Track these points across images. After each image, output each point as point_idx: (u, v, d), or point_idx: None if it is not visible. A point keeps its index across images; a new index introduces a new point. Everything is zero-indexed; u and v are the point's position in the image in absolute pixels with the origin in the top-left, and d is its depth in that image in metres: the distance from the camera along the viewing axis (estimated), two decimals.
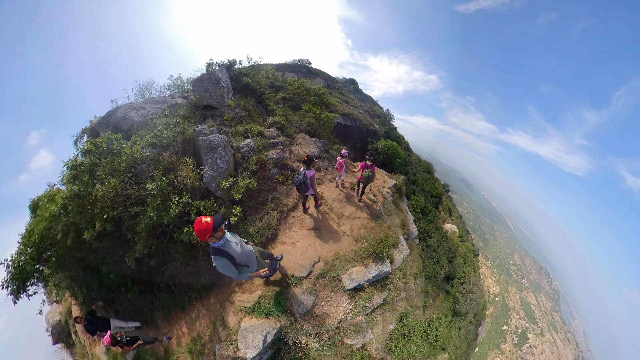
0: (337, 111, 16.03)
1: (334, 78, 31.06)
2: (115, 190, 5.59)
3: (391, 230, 6.54)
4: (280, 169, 7.97)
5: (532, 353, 35.39)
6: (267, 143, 8.92)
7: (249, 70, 15.33)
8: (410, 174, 19.32)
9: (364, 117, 19.17)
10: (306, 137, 10.09)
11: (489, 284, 41.94)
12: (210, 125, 9.14)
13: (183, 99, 12.80)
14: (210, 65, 15.34)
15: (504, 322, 38.71)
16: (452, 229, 21.86)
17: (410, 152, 23.42)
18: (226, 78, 12.68)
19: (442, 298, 16.56)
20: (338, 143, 12.90)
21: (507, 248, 69.18)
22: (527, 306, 45.38)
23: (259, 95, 14.02)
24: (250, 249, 3.80)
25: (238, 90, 13.75)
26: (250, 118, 11.16)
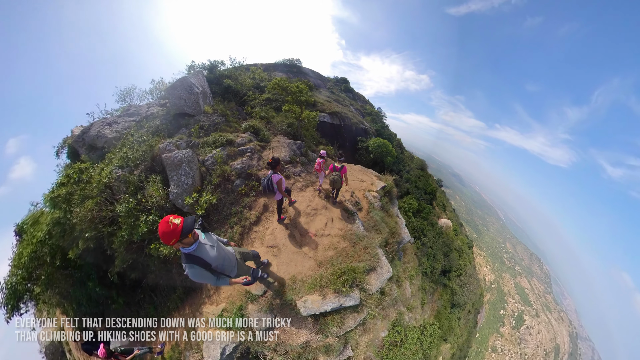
0: (324, 110, 14.81)
1: (325, 77, 29.89)
2: (91, 213, 5.72)
3: (368, 251, 5.30)
4: (244, 179, 7.13)
5: (529, 333, 36.00)
6: (234, 151, 7.89)
7: (232, 72, 14.04)
8: (403, 171, 18.18)
9: (354, 116, 17.93)
10: (282, 140, 8.89)
11: (484, 272, 42.28)
12: (178, 138, 8.24)
13: (160, 107, 11.58)
14: (192, 68, 14.07)
15: (501, 307, 38.96)
16: (446, 224, 21.08)
17: (403, 149, 22.17)
18: (202, 82, 11.43)
19: (440, 292, 15.96)
20: (324, 143, 11.78)
21: (499, 237, 69.92)
22: (521, 290, 45.80)
23: (242, 97, 12.81)
24: (230, 250, 3.26)
25: (219, 94, 12.49)
26: (227, 124, 9.95)
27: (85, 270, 6.56)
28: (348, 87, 31.95)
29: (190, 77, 10.61)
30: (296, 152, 8.54)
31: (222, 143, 8.22)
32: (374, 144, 15.17)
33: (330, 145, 12.23)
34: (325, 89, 23.91)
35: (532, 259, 67.24)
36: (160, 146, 7.14)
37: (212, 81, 13.27)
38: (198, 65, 14.04)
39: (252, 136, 9.13)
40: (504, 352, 31.86)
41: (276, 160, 4.72)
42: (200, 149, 7.92)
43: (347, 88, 31.04)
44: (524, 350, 33.66)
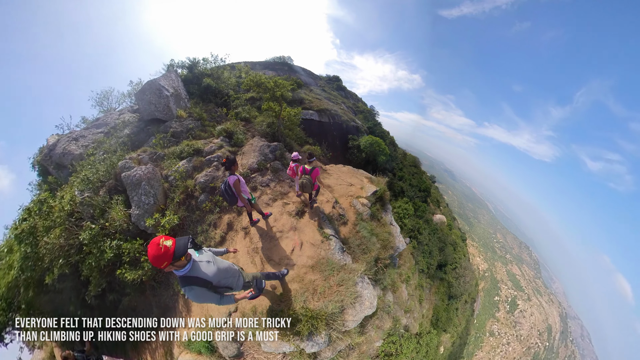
0: (311, 107, 13.48)
1: (317, 75, 28.57)
2: (59, 241, 5.43)
3: (342, 288, 4.16)
4: (209, 193, 6.18)
5: (523, 316, 36.98)
6: (201, 162, 6.70)
7: (215, 70, 12.56)
8: (396, 169, 17.00)
9: (345, 113, 16.61)
10: (255, 143, 7.55)
11: (477, 262, 42.55)
12: (142, 151, 7.21)
13: (132, 114, 10.22)
14: (171, 67, 12.64)
15: (495, 293, 39.48)
16: (441, 220, 20.29)
17: (396, 147, 20.77)
18: (175, 84, 10.04)
19: (437, 285, 15.39)
20: (311, 143, 10.44)
21: (490, 228, 70.56)
22: (513, 277, 46.32)
23: (223, 97, 11.46)
24: (230, 263, 2.85)
25: (197, 95, 11.14)
26: (202, 128, 8.60)
27: (66, 294, 6.16)
28: (340, 85, 30.56)
29: (159, 79, 9.25)
30: (268, 156, 7.12)
31: (189, 153, 7.09)
32: (366, 142, 13.92)
33: (318, 145, 10.91)
34: (317, 87, 22.65)
35: (521, 247, 68.24)
36: (119, 164, 6.37)
37: (192, 81, 11.86)
38: (177, 64, 12.62)
39: (225, 141, 7.84)
40: (501, 335, 32.72)
41: (231, 160, 4.01)
42: (166, 161, 6.97)
43: (339, 86, 29.66)
44: (519, 332, 34.51)
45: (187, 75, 12.24)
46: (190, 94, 11.18)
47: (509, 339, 32.87)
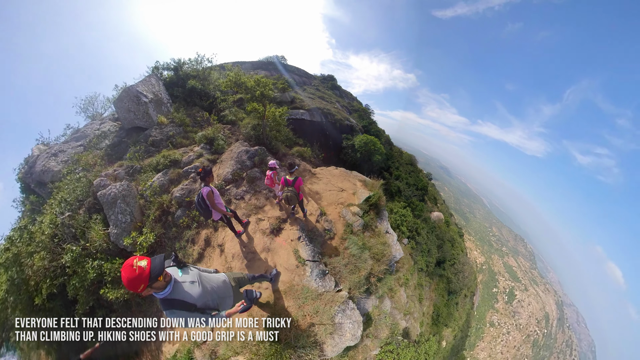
0: (302, 106, 12.65)
1: (312, 75, 27.73)
2: (43, 263, 5.33)
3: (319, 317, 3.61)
4: (185, 208, 5.73)
5: (521, 306, 37.28)
6: (178, 174, 6.06)
7: (202, 71, 11.71)
8: (392, 168, 16.23)
9: (338, 112, 15.80)
10: (234, 149, 6.77)
11: (474, 255, 42.35)
12: (118, 165, 6.70)
13: (114, 123, 9.43)
14: (157, 69, 11.79)
15: (493, 285, 39.46)
16: (438, 217, 19.86)
17: (392, 145, 19.93)
18: (155, 88, 9.22)
19: (437, 282, 14.94)
20: (301, 144, 9.64)
21: (486, 222, 70.77)
22: (509, 269, 46.28)
23: (209, 100, 10.64)
24: (221, 279, 2.48)
25: (182, 98, 10.34)
26: (184, 135, 7.82)
27: (56, 312, 5.91)
28: (335, 84, 29.72)
29: (137, 85, 8.50)
30: (245, 163, 6.29)
31: (165, 165, 6.46)
32: (361, 141, 13.13)
33: (309, 146, 10.11)
34: (311, 86, 21.85)
35: (516, 240, 68.41)
36: (94, 182, 6.06)
37: (176, 83, 11.02)
38: (162, 66, 11.77)
39: (206, 148, 7.09)
40: (501, 325, 32.97)
41: (206, 171, 3.66)
42: (143, 174, 6.53)
43: (333, 85, 28.81)
44: (518, 321, 34.75)
45: (171, 78, 11.42)
46: (174, 98, 10.36)
47: (509, 328, 33.05)
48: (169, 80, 11.33)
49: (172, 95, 10.53)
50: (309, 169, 6.88)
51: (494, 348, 30.09)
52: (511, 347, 31.15)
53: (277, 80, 14.00)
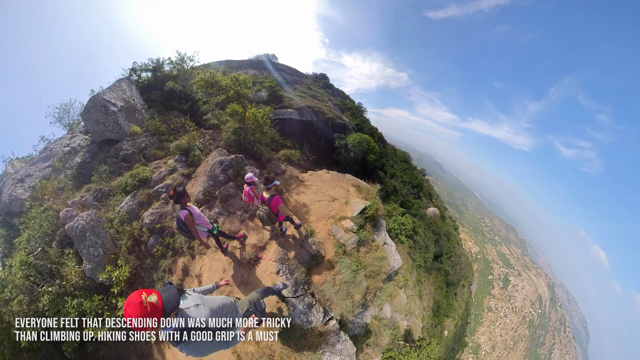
0: (291, 105, 11.61)
1: (304, 74, 26.52)
2: (22, 308, 4.79)
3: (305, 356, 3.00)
4: (158, 235, 4.93)
5: (516, 290, 38.18)
6: (149, 195, 5.16)
7: (182, 72, 10.41)
8: (387, 166, 15.37)
9: (330, 110, 14.78)
10: (210, 160, 5.75)
11: (469, 246, 42.62)
12: (86, 189, 5.89)
13: (85, 136, 8.31)
14: (134, 71, 10.58)
15: (489, 273, 39.84)
16: (434, 212, 19.50)
17: (385, 143, 18.98)
18: (126, 94, 8.07)
19: (435, 276, 14.69)
20: (290, 145, 8.64)
21: (478, 214, 71.40)
22: (503, 256, 46.83)
23: (188, 102, 9.54)
24: (221, 297, 2.20)
25: (160, 102, 9.25)
26: (158, 145, 6.77)
27: (46, 350, 5.45)
28: (327, 83, 28.56)
29: (103, 93, 7.39)
30: (218, 178, 5.24)
31: (134, 185, 5.55)
32: (354, 140, 12.18)
33: (299, 148, 9.08)
34: (302, 85, 20.75)
35: (507, 229, 69.34)
36: (61, 215, 5.43)
37: (155, 85, 9.90)
38: (141, 67, 10.57)
39: (180, 161, 6.05)
40: (498, 309, 33.72)
41: (179, 193, 3.22)
42: (112, 198, 5.74)
43: (326, 84, 27.64)
44: (514, 305, 35.67)
45: (149, 80, 10.25)
46: (151, 102, 9.25)
47: (506, 311, 33.72)
48: (146, 83, 10.18)
49: (149, 99, 9.41)
50: (296, 176, 5.93)
51: (493, 331, 30.64)
52: (509, 329, 31.95)
53: (265, 79, 12.91)
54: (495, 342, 29.91)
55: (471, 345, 28.01)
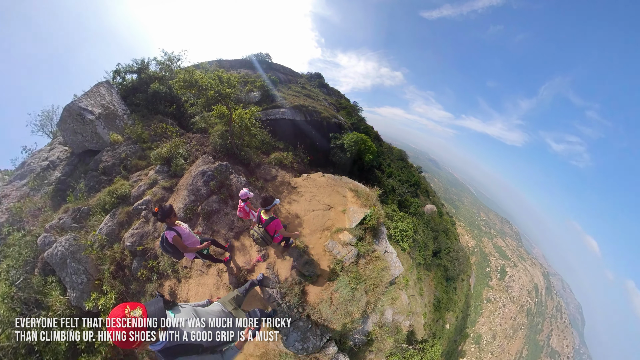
0: (283, 105, 11.00)
1: (298, 73, 25.82)
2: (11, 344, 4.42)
3: None
4: (141, 257, 4.47)
5: (512, 281, 38.57)
6: (129, 213, 4.67)
7: (169, 73, 9.59)
8: (384, 165, 14.89)
9: (325, 110, 14.19)
10: (193, 171, 5.17)
11: (466, 240, 42.80)
12: (63, 211, 5.31)
13: (64, 148, 7.64)
14: (118, 74, 9.82)
15: (486, 265, 40.05)
16: (431, 209, 19.10)
17: (381, 141, 18.45)
18: (105, 99, 7.36)
19: (435, 271, 14.70)
20: (282, 147, 8.07)
21: (474, 209, 71.84)
22: (499, 249, 47.12)
23: (173, 104, 8.86)
24: (216, 309, 2.06)
25: (144, 105, 8.58)
26: (141, 154, 6.15)
27: None
28: (322, 82, 27.85)
29: (79, 101, 6.70)
30: (200, 192, 4.63)
31: (113, 203, 5.02)
32: (350, 139, 11.64)
33: (292, 150, 8.46)
34: (297, 85, 20.09)
35: (502, 222, 69.90)
36: (38, 241, 5.03)
37: (139, 88, 9.19)
38: (124, 68, 9.81)
39: (162, 171, 5.45)
40: (497, 300, 34.00)
41: (165, 211, 2.83)
42: (92, 217, 5.19)
43: (321, 83, 26.95)
44: (512, 295, 36.02)
45: (134, 83, 9.52)
46: (135, 107, 8.59)
47: (504, 302, 33.99)
48: (130, 86, 9.48)
49: (133, 104, 8.73)
50: (287, 182, 5.38)
51: (493, 321, 30.84)
52: (508, 318, 32.22)
53: (257, 79, 12.28)
54: (496, 331, 30.26)
55: (472, 336, 28.47)
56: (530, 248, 67.40)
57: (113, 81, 9.33)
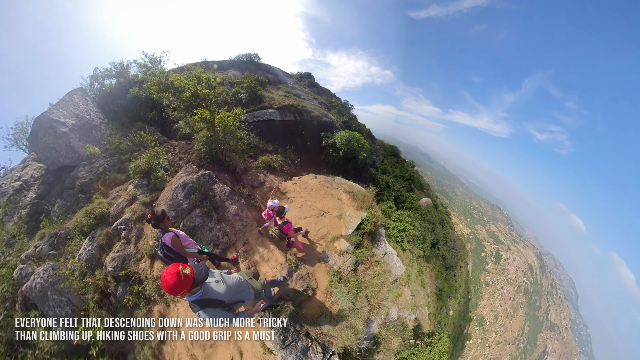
0: (271, 105, 10.43)
1: (288, 73, 25.14)
2: None
3: None
4: (125, 283, 4.03)
5: (508, 263, 39.30)
6: (109, 234, 4.17)
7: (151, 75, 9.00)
8: (377, 162, 14.53)
9: (315, 108, 13.67)
10: (175, 182, 4.65)
11: (460, 228, 43.29)
12: (39, 237, 4.76)
13: (39, 165, 6.94)
14: (96, 79, 9.04)
15: (481, 250, 40.69)
16: (427, 202, 19.32)
17: (374, 139, 18.02)
18: (80, 109, 6.66)
19: (434, 262, 14.72)
20: (270, 150, 7.49)
21: (466, 198, 72.95)
22: (492, 234, 47.79)
23: (161, 110, 8.20)
24: (237, 277, 2.42)
25: (122, 112, 7.92)
26: (119, 167, 5.55)
27: None
28: (312, 81, 27.20)
29: (49, 112, 6.04)
30: (181, 206, 4.11)
31: (91, 225, 4.46)
32: (342, 138, 11.18)
33: (282, 151, 7.93)
34: (287, 85, 19.51)
35: (494, 209, 71.19)
36: (14, 275, 4.53)
37: (118, 94, 8.48)
38: (102, 73, 9.02)
39: (141, 185, 4.87)
40: (495, 283, 34.80)
41: (157, 216, 2.69)
42: (70, 242, 4.61)
43: (311, 83, 26.31)
44: (508, 276, 36.92)
45: (112, 88, 8.78)
46: (114, 114, 7.90)
47: (502, 284, 34.86)
48: (108, 91, 8.73)
49: (112, 111, 8.04)
50: (276, 187, 4.87)
51: (494, 303, 31.50)
52: (507, 299, 32.99)
53: (245, 79, 11.66)
54: (497, 312, 30.88)
55: (476, 319, 29.19)
56: (522, 231, 68.60)
57: (90, 87, 8.59)
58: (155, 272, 3.88)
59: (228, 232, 3.82)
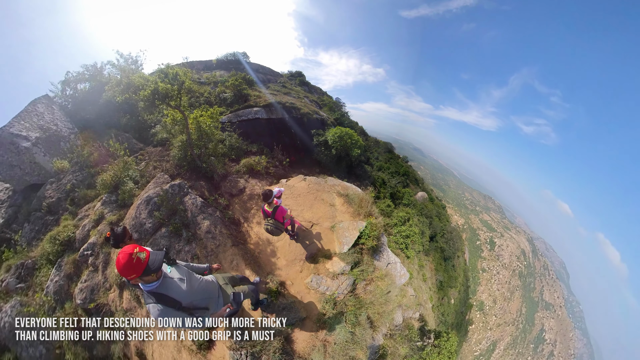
0: (257, 104, 9.62)
1: (277, 72, 24.15)
2: None
3: None
4: (97, 316, 3.33)
5: (502, 249, 40.16)
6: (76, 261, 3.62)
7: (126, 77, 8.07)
8: (372, 159, 13.92)
9: (305, 106, 12.86)
10: (142, 197, 3.89)
11: (455, 219, 44.03)
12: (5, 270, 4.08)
13: (5, 185, 6.08)
14: (68, 84, 8.08)
15: (476, 239, 41.60)
16: (423, 196, 19.01)
17: (367, 136, 17.43)
18: (45, 119, 5.77)
19: (433, 255, 14.68)
20: (255, 151, 6.67)
21: (459, 190, 74.03)
22: (485, 223, 48.79)
23: (136, 114, 7.37)
24: (209, 279, 2.15)
25: (95, 119, 7.05)
26: (89, 182, 4.78)
27: None
28: (303, 80, 26.18)
29: (9, 126, 5.17)
30: (145, 226, 3.42)
31: (57, 252, 3.80)
32: (335, 135, 10.43)
33: (268, 152, 7.18)
34: (276, 84, 18.64)
35: (486, 199, 72.76)
36: None
37: (92, 100, 7.58)
38: (75, 77, 8.08)
39: (109, 202, 4.15)
40: (491, 269, 35.81)
41: (118, 235, 2.22)
42: (38, 272, 3.96)
43: (302, 81, 25.31)
44: (503, 262, 38.01)
45: (87, 92, 7.87)
46: (86, 121, 7.05)
47: (497, 269, 35.92)
48: (81, 97, 7.82)
49: (83, 118, 7.16)
50: (257, 194, 4.14)
51: (491, 287, 32.52)
52: (504, 283, 34.07)
53: (231, 77, 10.81)
54: (495, 296, 31.80)
55: (476, 304, 29.92)
56: (513, 218, 70.27)
57: (62, 94, 7.67)
58: (124, 304, 3.18)
59: (198, 254, 3.12)
